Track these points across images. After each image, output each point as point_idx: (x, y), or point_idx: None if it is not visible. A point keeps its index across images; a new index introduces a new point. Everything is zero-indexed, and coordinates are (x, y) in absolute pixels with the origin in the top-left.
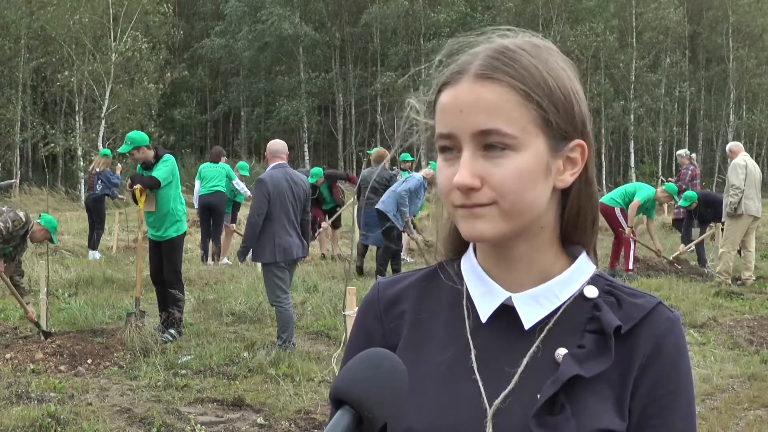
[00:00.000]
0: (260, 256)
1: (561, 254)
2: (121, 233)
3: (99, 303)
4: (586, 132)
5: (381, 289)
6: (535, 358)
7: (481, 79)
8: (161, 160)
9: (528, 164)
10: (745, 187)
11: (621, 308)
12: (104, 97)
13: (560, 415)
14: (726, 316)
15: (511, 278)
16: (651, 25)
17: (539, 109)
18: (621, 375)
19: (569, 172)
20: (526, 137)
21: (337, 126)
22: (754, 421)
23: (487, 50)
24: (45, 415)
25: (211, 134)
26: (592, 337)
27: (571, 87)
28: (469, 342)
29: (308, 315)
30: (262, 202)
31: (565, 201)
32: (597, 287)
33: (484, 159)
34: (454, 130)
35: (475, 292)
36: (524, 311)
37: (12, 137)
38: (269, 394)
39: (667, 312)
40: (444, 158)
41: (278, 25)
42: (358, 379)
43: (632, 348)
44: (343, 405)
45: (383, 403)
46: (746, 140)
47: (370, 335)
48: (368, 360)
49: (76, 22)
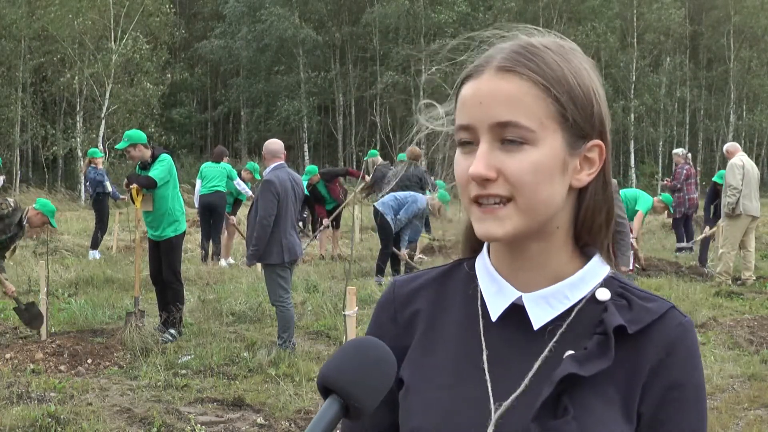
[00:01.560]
0: (268, 258)
1: (575, 255)
2: (122, 233)
3: (99, 303)
4: (604, 133)
5: (397, 287)
6: (543, 360)
7: (502, 72)
8: (158, 159)
9: (544, 159)
10: (743, 187)
11: (631, 310)
12: (104, 97)
13: (562, 419)
14: (726, 316)
15: (524, 278)
16: (653, 26)
17: (558, 105)
18: (628, 378)
19: (586, 172)
20: (543, 132)
21: (337, 126)
22: (754, 421)
23: (512, 45)
24: (45, 415)
25: (211, 134)
26: (597, 338)
27: (592, 87)
28: (482, 342)
29: (308, 315)
30: (273, 204)
31: (581, 201)
32: (609, 289)
33: (500, 151)
34: (473, 122)
35: (487, 292)
36: (534, 311)
37: (12, 137)
38: (269, 394)
39: (680, 317)
40: (462, 151)
41: (278, 26)
42: (345, 368)
43: (641, 351)
44: (331, 393)
45: (370, 392)
46: (746, 140)
47: (384, 336)
48: (355, 349)
49: (79, 24)
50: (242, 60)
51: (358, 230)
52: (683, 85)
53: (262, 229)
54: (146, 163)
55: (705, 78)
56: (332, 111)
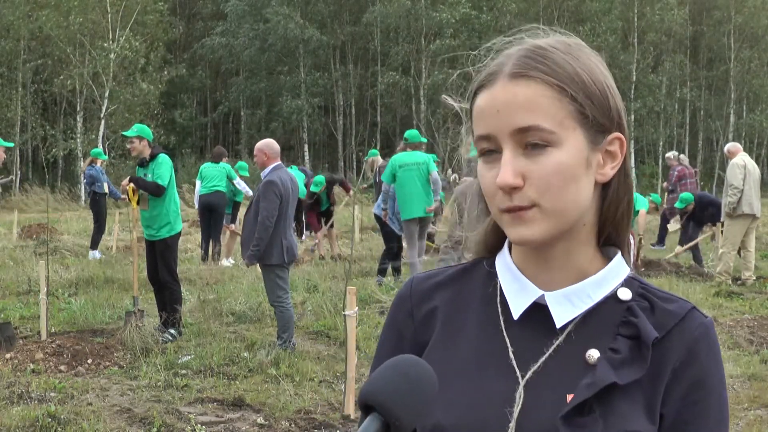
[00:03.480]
0: (269, 258)
1: (597, 253)
2: (122, 233)
3: (99, 303)
4: (622, 125)
5: (415, 284)
6: (564, 356)
7: (516, 78)
8: (158, 161)
9: (568, 159)
10: (744, 187)
11: (654, 314)
12: (104, 97)
13: (588, 417)
14: (726, 316)
15: (547, 277)
16: (654, 26)
17: (575, 103)
18: (652, 379)
19: (610, 166)
20: (564, 132)
21: (337, 126)
22: (754, 421)
23: (520, 50)
24: (45, 415)
25: (211, 135)
26: (627, 342)
27: (605, 81)
28: (506, 339)
29: (308, 315)
30: (276, 204)
31: (605, 195)
32: (631, 290)
33: (524, 157)
34: (492, 131)
35: (508, 290)
36: (557, 310)
37: (12, 138)
38: (269, 394)
39: (701, 317)
40: (484, 161)
41: (284, 25)
42: (387, 386)
43: (664, 352)
44: (372, 411)
45: (410, 410)
46: (747, 140)
47: (400, 332)
48: (397, 367)
49: (72, 23)
50: (245, 59)
51: (358, 230)
52: (683, 85)
53: (265, 229)
54: (144, 160)
55: (705, 78)
56: (332, 111)
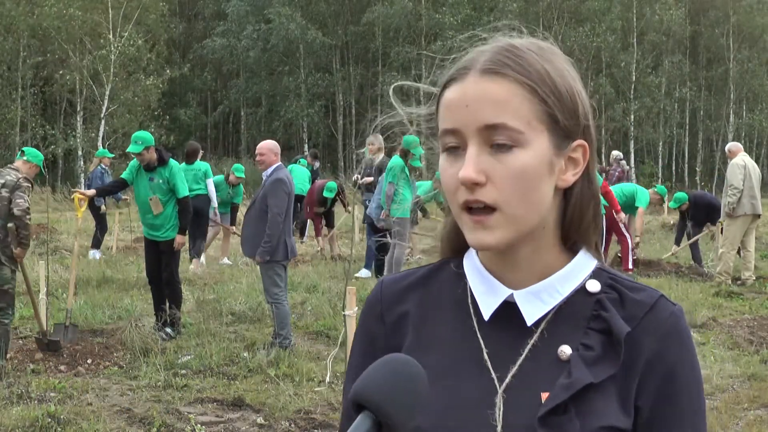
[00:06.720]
0: (275, 255)
1: (562, 252)
2: (121, 233)
3: (99, 303)
4: (588, 132)
5: (384, 287)
6: (537, 353)
7: (488, 74)
8: (169, 169)
9: (533, 161)
10: (745, 187)
11: (624, 306)
12: (104, 97)
13: (564, 416)
14: (726, 316)
15: (514, 276)
16: (654, 26)
17: (544, 105)
18: (625, 372)
19: (571, 172)
20: (531, 133)
21: (338, 126)
22: (754, 421)
23: (494, 48)
24: (45, 415)
25: (212, 135)
26: (599, 337)
27: (575, 86)
28: (479, 340)
29: (308, 315)
30: (285, 201)
31: (568, 201)
32: (599, 281)
33: (489, 156)
34: (459, 126)
35: (478, 291)
36: (526, 308)
37: (12, 137)
38: (269, 394)
39: (670, 306)
40: (447, 156)
41: (286, 26)
42: (378, 385)
43: (636, 344)
44: (364, 410)
45: (402, 408)
46: (746, 140)
47: (372, 336)
48: (388, 366)
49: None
50: (247, 60)
51: (358, 230)
52: (683, 85)
53: (276, 225)
54: (152, 165)
55: (705, 78)
56: (333, 111)
